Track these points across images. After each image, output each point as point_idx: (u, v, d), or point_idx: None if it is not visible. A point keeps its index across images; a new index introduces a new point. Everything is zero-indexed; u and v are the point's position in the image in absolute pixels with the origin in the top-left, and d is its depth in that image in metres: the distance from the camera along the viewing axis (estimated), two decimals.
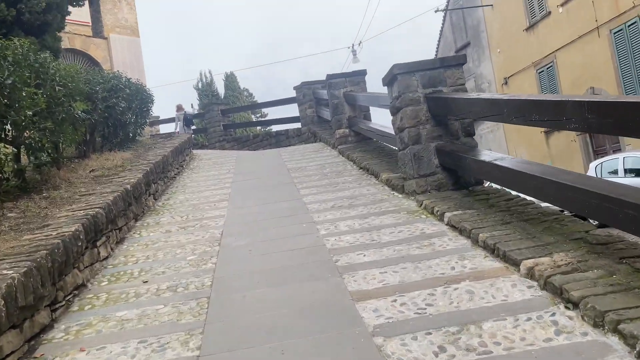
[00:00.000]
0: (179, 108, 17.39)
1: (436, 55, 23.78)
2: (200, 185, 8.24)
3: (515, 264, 3.34)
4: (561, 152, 15.86)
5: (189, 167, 10.48)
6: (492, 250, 3.65)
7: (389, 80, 5.68)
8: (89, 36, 19.59)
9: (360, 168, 7.82)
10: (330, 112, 10.65)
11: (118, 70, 9.96)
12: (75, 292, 3.84)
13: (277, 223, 5.37)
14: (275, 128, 30.46)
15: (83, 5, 12.77)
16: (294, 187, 7.16)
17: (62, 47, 18.74)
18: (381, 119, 9.88)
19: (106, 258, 4.70)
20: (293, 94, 15.90)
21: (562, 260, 3.24)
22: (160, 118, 20.97)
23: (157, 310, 3.44)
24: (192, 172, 9.71)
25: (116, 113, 8.62)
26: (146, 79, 21.18)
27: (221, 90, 37.88)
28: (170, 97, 50.88)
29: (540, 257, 3.30)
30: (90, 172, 6.76)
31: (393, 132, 7.05)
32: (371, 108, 10.03)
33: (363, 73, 10.26)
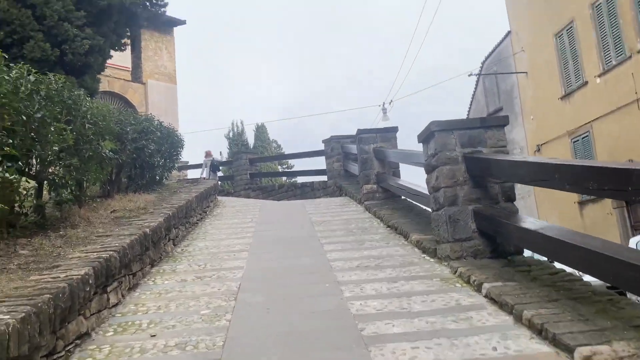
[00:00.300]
0: (208, 154, 17.54)
1: (467, 117, 23.71)
2: (222, 233, 7.99)
3: (568, 350, 2.93)
4: (595, 225, 15.19)
5: (212, 213, 10.30)
6: (539, 331, 3.24)
7: (426, 137, 5.44)
8: (128, 80, 20.22)
9: (388, 226, 7.48)
10: (358, 167, 10.44)
11: (151, 113, 10.04)
12: (78, 341, 3.54)
13: (298, 280, 5.03)
14: (300, 179, 30.54)
15: (125, 49, 13.18)
16: (317, 241, 6.85)
17: (101, 89, 19.36)
18: (410, 178, 9.63)
19: (116, 305, 4.41)
20: (320, 147, 15.88)
21: (623, 350, 2.83)
22: (189, 163, 21.17)
23: None
24: (215, 219, 9.50)
25: (145, 155, 8.58)
26: (179, 125, 21.58)
27: (251, 140, 38.48)
28: (201, 144, 51.95)
29: (597, 344, 2.89)
30: (111, 212, 6.60)
31: (424, 191, 6.77)
32: (401, 166, 9.80)
33: (394, 130, 10.10)
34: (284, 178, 30.48)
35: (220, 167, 18.65)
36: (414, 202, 9.08)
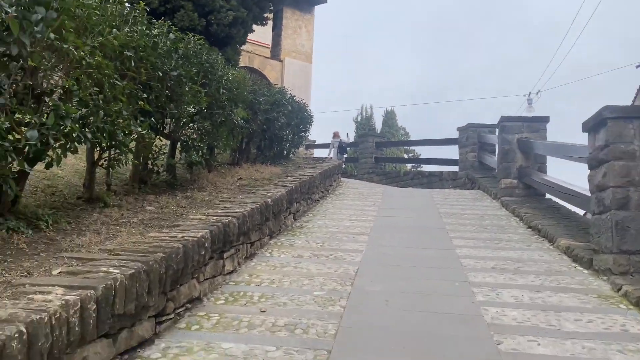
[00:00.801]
0: (336, 135, 17.46)
1: None
2: (342, 213, 7.69)
3: None
4: None
5: (334, 192, 10.08)
6: None
7: (594, 124, 4.53)
8: (267, 57, 20.82)
9: (529, 227, 6.57)
10: (497, 159, 9.47)
11: (284, 86, 10.02)
12: (188, 305, 3.42)
13: (422, 273, 4.51)
14: (427, 168, 29.41)
15: (266, 24, 13.39)
16: (445, 234, 6.22)
17: (241, 63, 20.19)
18: (557, 175, 8.48)
19: (230, 273, 4.29)
20: (451, 136, 14.93)
21: None
22: (317, 142, 21.37)
23: (267, 352, 2.82)
24: (337, 199, 9.25)
25: (274, 127, 8.55)
26: (311, 104, 21.83)
27: (379, 125, 37.98)
28: (329, 124, 52.61)
29: None
30: (237, 179, 6.61)
31: (580, 190, 5.79)
32: (549, 161, 8.66)
33: (545, 119, 8.94)
34: (409, 165, 29.66)
35: (347, 149, 18.48)
36: (561, 203, 8.00)
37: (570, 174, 7.53)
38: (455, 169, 15.03)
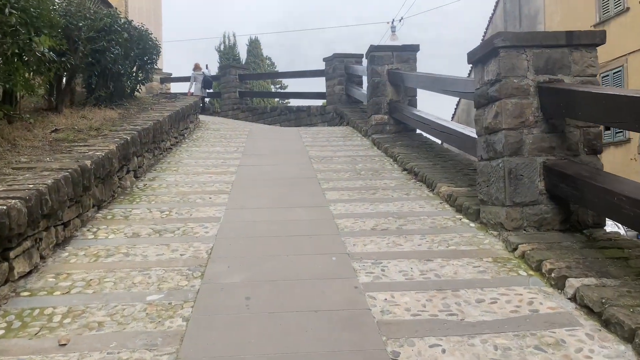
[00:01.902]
0: (197, 67, 15.52)
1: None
2: (199, 164, 6.51)
3: None
4: (615, 171, 13.95)
5: (191, 137, 8.76)
6: None
7: (483, 55, 3.86)
8: None
9: (405, 170, 6.04)
10: (367, 93, 8.83)
11: (116, 9, 8.15)
12: None
13: (293, 246, 3.64)
14: (294, 102, 28.64)
15: None
16: (317, 185, 5.42)
17: None
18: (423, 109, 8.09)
19: (26, 275, 3.02)
20: (316, 68, 14.08)
21: None
22: (173, 76, 19.23)
23: None
24: (193, 145, 7.99)
25: (106, 60, 6.86)
26: (162, 32, 19.41)
27: (243, 55, 35.96)
28: (189, 56, 48.74)
29: None
30: (51, 132, 5.05)
31: (459, 129, 5.29)
32: (419, 94, 8.22)
33: (415, 48, 8.38)
34: (276, 99, 28.62)
35: (213, 83, 16.72)
36: (431, 139, 7.65)
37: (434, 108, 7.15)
38: (324, 102, 14.38)
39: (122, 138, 5.03)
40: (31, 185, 3.15)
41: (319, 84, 14.04)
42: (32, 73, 4.93)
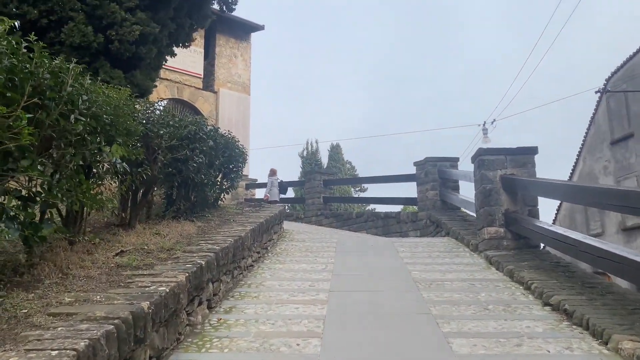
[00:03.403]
0: (273, 172, 15.13)
1: (583, 144, 19.95)
2: (283, 288, 5.47)
3: None
4: None
5: (274, 249, 7.86)
6: None
7: None
8: (199, 88, 18.62)
9: (547, 305, 4.61)
10: (476, 202, 7.60)
11: (205, 118, 7.82)
12: None
13: None
14: (379, 208, 27.69)
15: (189, 45, 11.24)
16: (434, 327, 4.13)
17: (169, 95, 17.81)
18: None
19: None
20: (399, 173, 13.17)
21: None
22: (258, 182, 19.14)
23: None
24: (277, 261, 7.02)
25: (188, 170, 6.29)
26: (249, 139, 19.72)
27: (324, 160, 36.36)
28: (273, 162, 50.53)
29: None
30: (114, 255, 4.28)
31: (629, 255, 3.90)
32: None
33: (533, 151, 7.19)
34: (358, 204, 27.85)
35: (288, 188, 16.26)
36: (564, 259, 6.18)
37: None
38: (414, 208, 13.27)
39: (195, 264, 4.14)
40: (55, 353, 2.21)
41: (399, 190, 12.99)
42: (99, 187, 4.28)
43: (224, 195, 8.71)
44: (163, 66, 17.60)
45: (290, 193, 30.33)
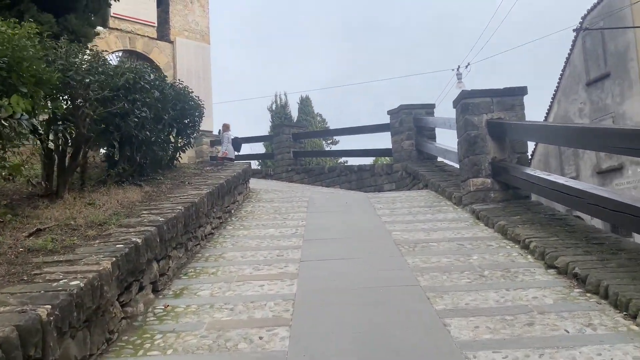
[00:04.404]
0: (226, 127, 13.85)
1: (558, 86, 19.45)
2: (246, 260, 4.72)
3: None
4: None
5: (239, 213, 7.07)
6: None
7: None
8: (153, 38, 17.13)
9: (552, 267, 3.98)
10: (459, 150, 6.90)
11: (139, 63, 6.76)
12: None
13: None
14: (352, 161, 26.95)
15: None
16: (425, 303, 3.45)
17: (120, 46, 16.28)
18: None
19: None
20: (370, 123, 12.38)
21: None
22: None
23: None
24: (241, 226, 6.25)
25: (129, 126, 5.34)
26: (212, 93, 18.51)
27: (294, 114, 35.23)
28: (241, 117, 48.79)
29: None
30: (28, 236, 3.40)
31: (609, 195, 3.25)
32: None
33: (522, 91, 6.46)
34: (332, 158, 27.10)
35: (242, 144, 15.13)
36: (559, 210, 5.59)
37: None
38: (387, 160, 12.59)
39: (128, 243, 3.31)
40: None
41: (371, 142, 12.25)
42: (5, 150, 3.36)
43: (180, 154, 7.78)
44: (112, 15, 16.13)
45: (260, 148, 29.33)
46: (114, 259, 2.98)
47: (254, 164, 26.64)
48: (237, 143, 11.59)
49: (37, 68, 3.58)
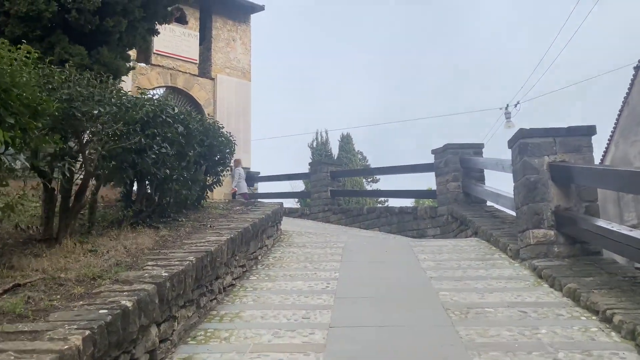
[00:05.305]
0: (237, 163, 13.15)
1: (615, 128, 18.20)
2: (267, 321, 4.03)
3: None
4: None
5: (266, 259, 6.42)
6: None
7: None
8: (194, 75, 17.16)
9: None
10: (516, 196, 6.08)
11: (161, 97, 6.35)
12: None
13: None
14: (392, 202, 26.04)
15: (170, 21, 9.75)
16: None
17: (162, 82, 16.33)
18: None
19: None
20: (413, 163, 11.64)
21: None
22: (260, 174, 17.69)
23: None
24: (265, 277, 5.58)
25: (146, 163, 4.85)
26: (251, 130, 18.30)
27: (335, 151, 34.82)
28: (282, 154, 48.88)
29: None
30: (2, 293, 2.85)
31: None
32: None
33: (590, 131, 5.64)
34: (372, 198, 26.31)
35: (297, 182, 14.77)
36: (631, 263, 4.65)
37: None
38: (427, 201, 11.76)
39: (114, 308, 2.69)
40: None
41: (412, 183, 11.48)
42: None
43: (207, 192, 7.28)
44: (155, 52, 16.29)
45: (300, 185, 28.86)
46: (88, 332, 2.36)
47: (293, 202, 26.19)
48: (251, 178, 10.88)
49: (32, 96, 3.11)
